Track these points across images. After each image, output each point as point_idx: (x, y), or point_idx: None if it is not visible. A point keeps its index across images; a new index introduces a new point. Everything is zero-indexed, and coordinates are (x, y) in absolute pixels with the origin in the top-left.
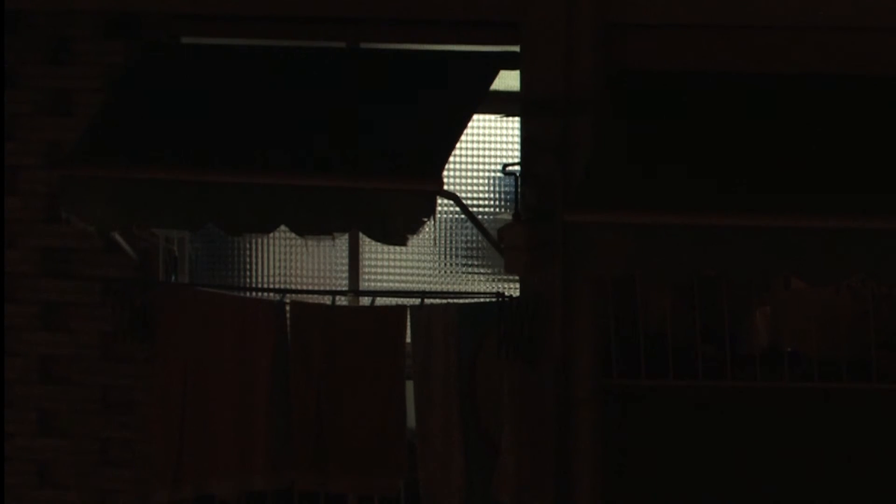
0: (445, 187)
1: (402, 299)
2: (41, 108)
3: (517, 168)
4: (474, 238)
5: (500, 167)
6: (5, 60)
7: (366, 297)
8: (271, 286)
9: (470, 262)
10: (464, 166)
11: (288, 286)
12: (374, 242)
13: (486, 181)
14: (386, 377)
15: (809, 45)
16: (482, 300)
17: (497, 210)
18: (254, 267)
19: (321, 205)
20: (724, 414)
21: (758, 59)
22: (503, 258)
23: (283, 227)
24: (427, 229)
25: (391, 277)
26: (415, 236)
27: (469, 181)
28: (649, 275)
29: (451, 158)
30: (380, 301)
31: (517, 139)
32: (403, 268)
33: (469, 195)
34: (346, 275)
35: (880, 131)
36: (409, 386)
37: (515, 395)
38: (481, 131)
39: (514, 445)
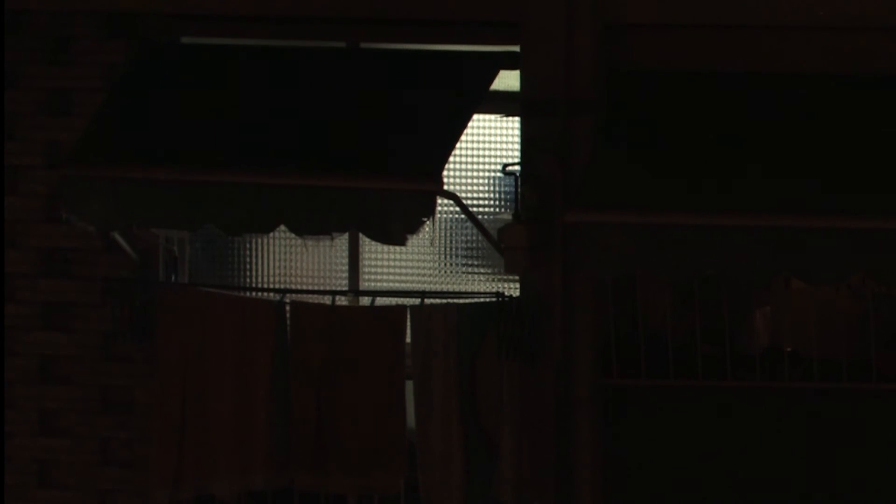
0: (445, 187)
1: (402, 299)
2: (41, 108)
3: (517, 168)
4: (474, 238)
5: (500, 167)
6: (5, 60)
7: (366, 297)
8: (271, 286)
9: (470, 262)
10: (464, 166)
11: (288, 286)
12: (374, 242)
13: (486, 181)
14: (386, 377)
15: (809, 45)
16: (482, 300)
17: (497, 210)
18: (254, 267)
19: (321, 205)
20: (725, 414)
21: (758, 59)
22: (503, 258)
23: (283, 227)
24: (427, 229)
25: (391, 277)
26: (414, 236)
27: (469, 181)
28: (649, 275)
29: (451, 158)
30: (380, 301)
31: (517, 139)
32: (403, 268)
33: (469, 195)
34: (346, 275)
35: (880, 131)
36: (409, 386)
37: (515, 394)
38: (481, 131)
39: (514, 445)
